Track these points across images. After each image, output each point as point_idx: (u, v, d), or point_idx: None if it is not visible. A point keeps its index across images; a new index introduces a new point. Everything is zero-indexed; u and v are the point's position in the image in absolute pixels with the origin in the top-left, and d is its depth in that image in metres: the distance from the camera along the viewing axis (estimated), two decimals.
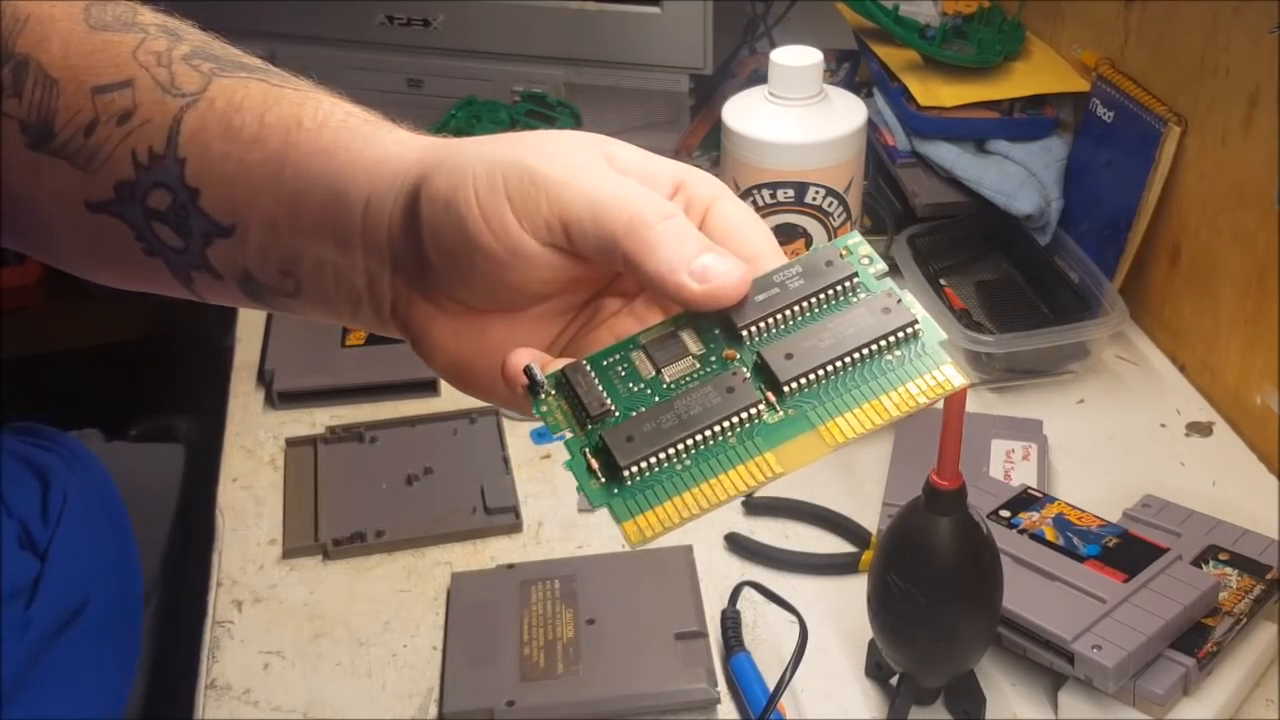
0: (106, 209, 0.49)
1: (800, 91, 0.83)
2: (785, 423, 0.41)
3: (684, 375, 0.42)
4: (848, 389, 0.41)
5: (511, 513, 0.86)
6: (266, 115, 0.48)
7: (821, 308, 0.43)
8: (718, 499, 0.40)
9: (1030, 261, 1.07)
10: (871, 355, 0.42)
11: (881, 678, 0.74)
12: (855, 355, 0.41)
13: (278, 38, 1.28)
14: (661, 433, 0.40)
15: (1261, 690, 0.73)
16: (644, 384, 0.42)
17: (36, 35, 0.49)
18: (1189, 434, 0.94)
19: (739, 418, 0.41)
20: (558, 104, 1.18)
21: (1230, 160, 0.92)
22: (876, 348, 0.42)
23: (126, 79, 0.48)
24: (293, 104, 0.49)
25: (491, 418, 0.95)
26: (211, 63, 0.49)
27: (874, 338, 0.41)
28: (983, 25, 1.16)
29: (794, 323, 0.42)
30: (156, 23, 0.50)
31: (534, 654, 0.74)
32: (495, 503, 0.87)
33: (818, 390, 0.41)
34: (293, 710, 0.74)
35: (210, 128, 0.47)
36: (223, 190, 0.47)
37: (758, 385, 0.41)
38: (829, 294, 0.43)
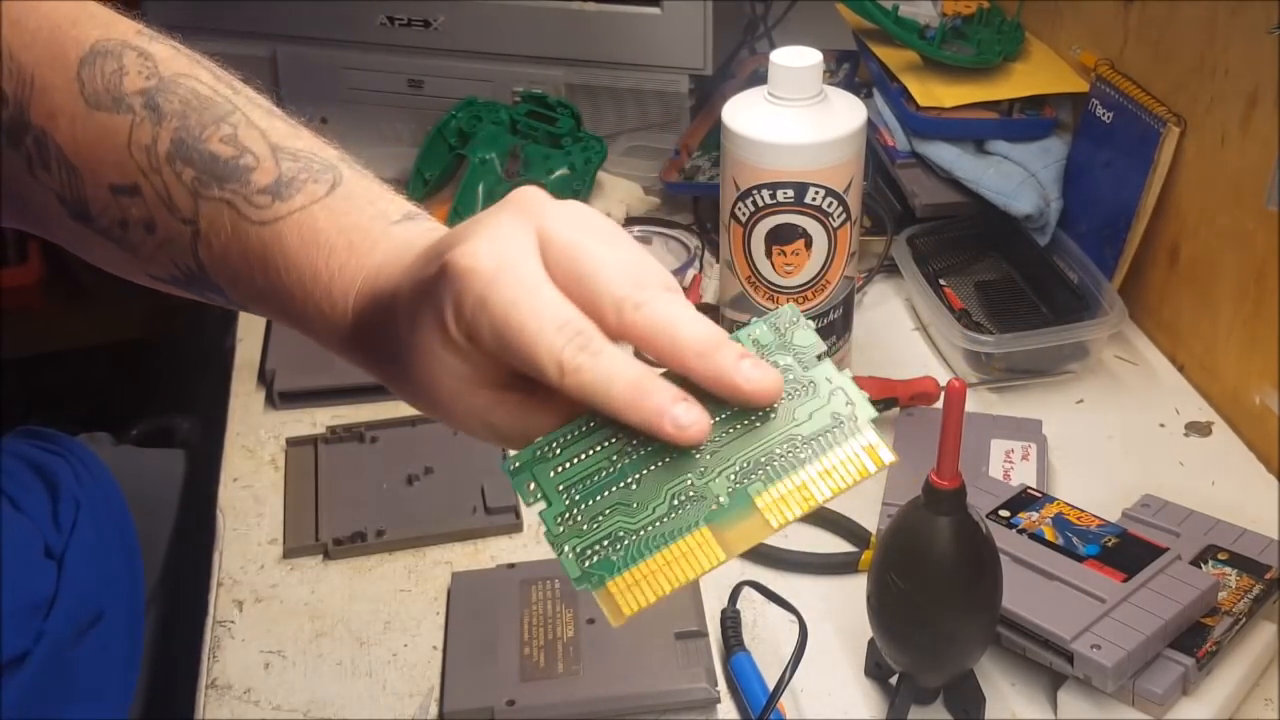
0: (166, 283, 0.55)
1: (800, 92, 0.83)
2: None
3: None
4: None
5: (512, 512, 0.86)
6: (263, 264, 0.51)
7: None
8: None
9: (1029, 262, 1.07)
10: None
11: (881, 677, 0.74)
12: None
13: (278, 38, 1.28)
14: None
15: (1260, 690, 0.73)
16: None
17: (46, 108, 0.52)
18: (1188, 434, 0.94)
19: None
20: (558, 104, 1.19)
21: (1229, 161, 0.92)
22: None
23: (133, 183, 0.51)
24: (271, 239, 0.51)
25: None
26: (190, 169, 0.51)
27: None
28: (982, 26, 1.16)
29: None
30: (139, 89, 0.52)
31: (534, 653, 0.74)
32: (496, 502, 0.87)
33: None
34: (293, 710, 0.74)
35: (219, 263, 0.52)
36: (244, 293, 0.53)
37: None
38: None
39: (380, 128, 1.30)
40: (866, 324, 1.05)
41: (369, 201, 0.51)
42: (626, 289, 0.43)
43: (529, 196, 0.46)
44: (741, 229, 0.87)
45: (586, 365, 0.42)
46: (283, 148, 0.51)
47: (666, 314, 0.43)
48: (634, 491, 0.44)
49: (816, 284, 0.88)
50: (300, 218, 0.50)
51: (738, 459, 0.44)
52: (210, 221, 0.51)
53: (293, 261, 0.50)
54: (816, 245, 0.86)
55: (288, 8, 1.25)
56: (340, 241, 0.50)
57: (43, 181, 0.53)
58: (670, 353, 0.43)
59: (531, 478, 0.45)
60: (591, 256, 0.44)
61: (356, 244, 0.50)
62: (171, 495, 0.99)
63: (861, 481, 0.44)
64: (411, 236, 0.50)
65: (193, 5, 1.28)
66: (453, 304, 0.44)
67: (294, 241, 0.50)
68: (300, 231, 0.50)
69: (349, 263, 0.49)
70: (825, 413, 0.44)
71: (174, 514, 0.98)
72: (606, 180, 1.20)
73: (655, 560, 0.43)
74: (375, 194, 0.52)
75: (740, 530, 0.43)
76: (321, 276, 0.50)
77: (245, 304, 0.53)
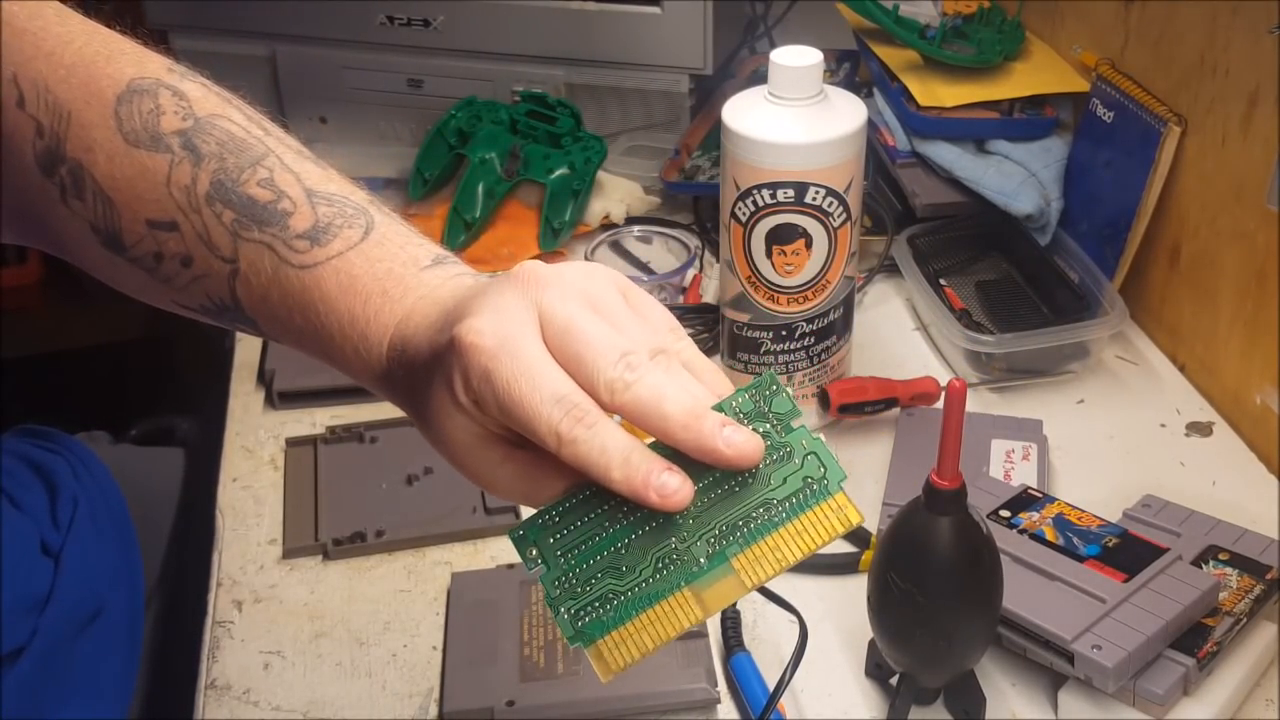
0: (194, 312, 0.57)
1: (800, 91, 0.83)
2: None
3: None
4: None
5: (511, 513, 0.86)
6: (295, 307, 0.54)
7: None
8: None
9: (1030, 261, 1.07)
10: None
11: (881, 677, 0.74)
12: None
13: (278, 38, 1.28)
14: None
15: (1261, 690, 0.73)
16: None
17: (82, 142, 0.53)
18: (1189, 434, 0.94)
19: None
20: (558, 104, 1.19)
21: (1230, 160, 0.92)
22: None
23: (171, 220, 0.54)
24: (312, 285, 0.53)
25: None
26: (230, 211, 0.53)
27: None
28: (983, 25, 1.16)
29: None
30: (176, 129, 0.54)
31: (534, 654, 0.74)
32: (495, 503, 0.87)
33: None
34: (293, 710, 0.74)
35: (258, 302, 0.54)
36: (281, 330, 0.55)
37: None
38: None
39: (380, 127, 1.30)
40: (867, 324, 1.05)
41: (400, 247, 0.54)
42: (616, 369, 0.47)
43: (530, 272, 0.49)
44: (741, 229, 0.87)
45: (581, 437, 0.46)
46: (317, 192, 0.54)
47: (652, 391, 0.47)
48: (623, 555, 0.48)
49: (816, 284, 0.88)
50: (338, 264, 0.53)
51: (717, 523, 0.48)
52: (251, 263, 0.53)
53: (331, 306, 0.52)
54: (817, 245, 0.86)
55: (287, 7, 1.25)
56: (375, 288, 0.52)
57: (75, 210, 0.54)
58: (658, 427, 0.47)
59: (534, 544, 0.49)
60: (583, 334, 0.47)
61: (390, 290, 0.52)
62: (171, 495, 0.99)
63: (831, 540, 0.47)
64: (440, 282, 0.53)
65: (193, 5, 1.28)
66: (460, 375, 0.47)
67: (332, 287, 0.52)
68: (338, 277, 0.52)
69: (384, 309, 0.52)
70: (798, 477, 0.48)
71: (173, 514, 0.98)
72: (606, 180, 1.20)
73: (640, 620, 0.47)
74: (406, 238, 0.55)
75: (718, 590, 0.47)
76: (359, 321, 0.52)
77: (279, 338, 0.55)
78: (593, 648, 0.48)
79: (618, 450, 0.46)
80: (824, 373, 0.93)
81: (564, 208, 1.15)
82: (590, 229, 1.17)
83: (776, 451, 0.48)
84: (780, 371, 0.92)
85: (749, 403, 0.49)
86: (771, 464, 0.48)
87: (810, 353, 0.91)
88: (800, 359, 0.91)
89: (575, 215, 1.15)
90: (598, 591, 0.48)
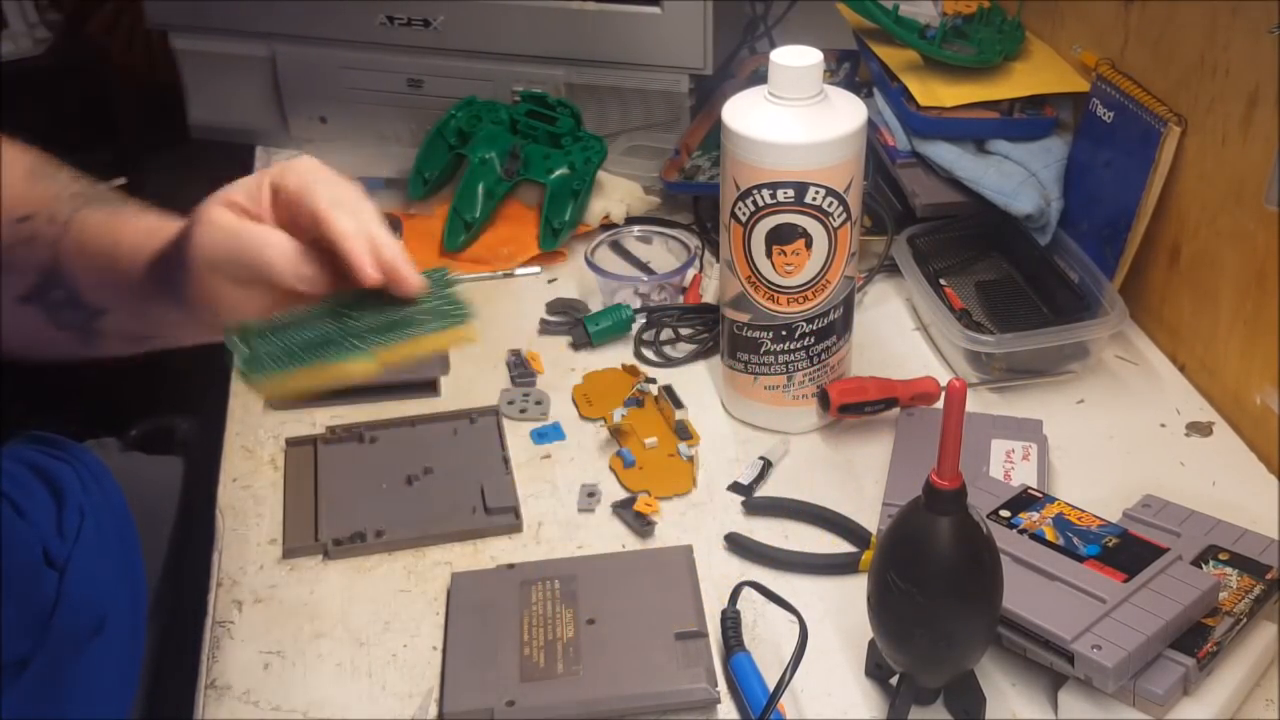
0: (29, 300, 0.71)
1: (800, 91, 0.83)
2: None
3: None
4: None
5: (511, 513, 0.86)
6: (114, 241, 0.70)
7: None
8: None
9: (1030, 261, 1.07)
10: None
11: (881, 677, 0.74)
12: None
13: (278, 38, 1.28)
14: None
15: (1261, 690, 0.73)
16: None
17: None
18: (1189, 434, 0.94)
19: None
20: (558, 104, 1.19)
21: (1230, 160, 0.92)
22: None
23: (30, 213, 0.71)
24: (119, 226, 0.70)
25: (491, 418, 0.95)
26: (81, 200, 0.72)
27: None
28: (983, 25, 1.16)
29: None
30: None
31: (534, 654, 0.74)
32: (495, 503, 0.87)
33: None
34: (293, 710, 0.74)
35: (75, 253, 0.70)
36: (91, 285, 0.71)
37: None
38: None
39: (380, 127, 1.30)
40: (867, 324, 1.05)
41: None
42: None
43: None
44: (741, 229, 0.87)
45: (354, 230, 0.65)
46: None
47: (369, 235, 0.64)
48: (304, 338, 0.66)
49: (817, 284, 0.88)
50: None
51: (378, 322, 0.66)
52: (81, 219, 0.70)
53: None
54: (817, 245, 0.86)
55: (288, 7, 1.25)
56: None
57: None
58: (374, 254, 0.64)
59: (242, 338, 0.66)
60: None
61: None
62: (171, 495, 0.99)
63: (448, 347, 0.70)
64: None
65: (193, 5, 1.28)
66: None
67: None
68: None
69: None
70: (439, 300, 0.68)
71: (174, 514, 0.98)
72: (607, 180, 1.20)
73: (301, 371, 0.65)
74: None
75: (360, 367, 0.65)
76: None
77: (92, 298, 0.71)
78: (259, 377, 0.65)
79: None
80: (824, 373, 0.93)
81: (564, 207, 1.15)
82: (590, 229, 1.17)
83: (435, 287, 0.68)
84: (780, 372, 0.92)
85: (429, 272, 0.69)
86: (425, 299, 0.67)
87: (810, 353, 0.91)
88: (800, 359, 0.91)
89: (575, 215, 1.15)
90: (277, 351, 0.66)
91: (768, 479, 0.90)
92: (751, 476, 0.89)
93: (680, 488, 0.89)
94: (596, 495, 0.88)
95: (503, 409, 0.97)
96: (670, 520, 0.87)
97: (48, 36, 1.69)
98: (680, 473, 0.90)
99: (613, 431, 0.94)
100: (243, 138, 1.36)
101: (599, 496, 0.88)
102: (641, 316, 1.05)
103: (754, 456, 0.92)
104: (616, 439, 0.93)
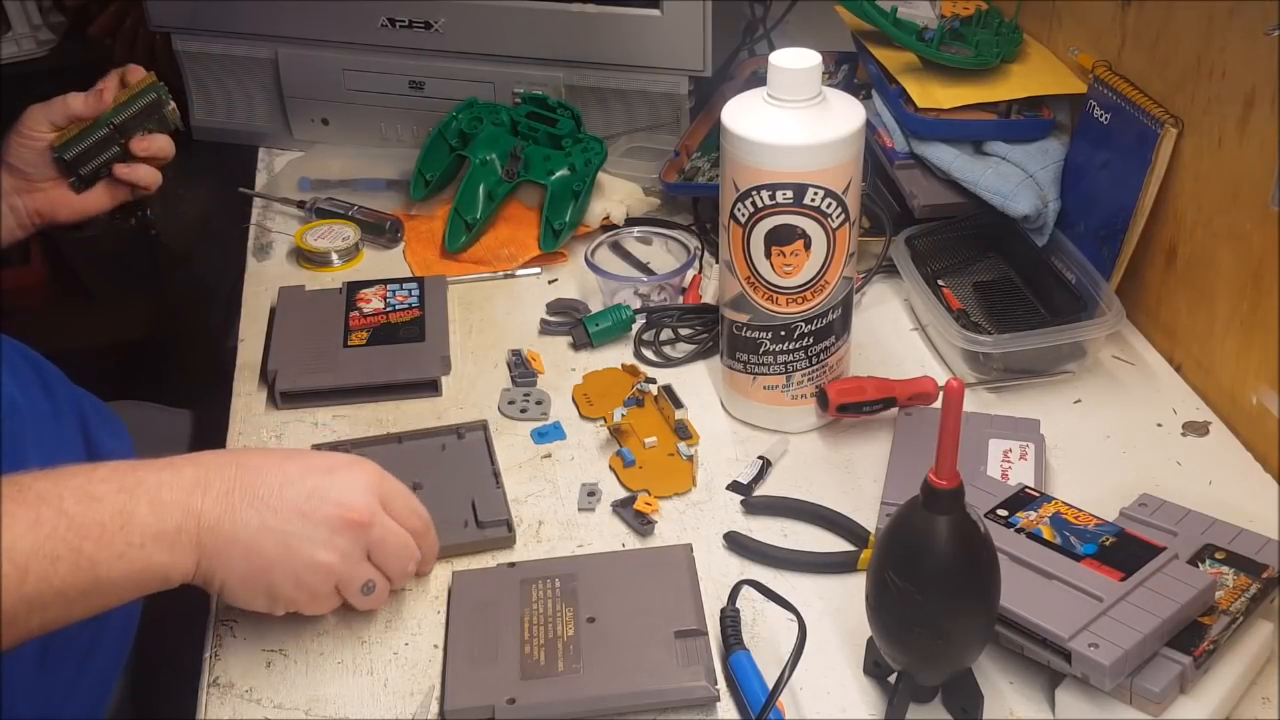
0: None
1: (799, 93, 0.83)
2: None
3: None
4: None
5: (504, 525, 0.85)
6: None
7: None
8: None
9: (1027, 262, 1.08)
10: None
11: (880, 676, 0.75)
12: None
13: (279, 40, 1.28)
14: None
15: (1258, 688, 0.73)
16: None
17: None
18: (1185, 434, 0.94)
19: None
20: (558, 105, 1.19)
21: (1226, 161, 0.92)
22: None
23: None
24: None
25: (479, 432, 0.94)
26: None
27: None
28: (980, 27, 1.16)
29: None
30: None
31: (534, 652, 0.75)
32: (487, 516, 0.86)
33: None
34: (295, 708, 0.74)
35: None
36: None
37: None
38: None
39: (381, 129, 1.31)
40: (865, 324, 1.06)
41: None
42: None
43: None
44: (741, 229, 0.87)
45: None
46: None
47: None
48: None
49: (815, 284, 0.88)
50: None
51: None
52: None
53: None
54: (815, 246, 0.87)
55: (290, 9, 1.26)
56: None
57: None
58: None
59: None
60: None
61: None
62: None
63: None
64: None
65: (195, 6, 1.28)
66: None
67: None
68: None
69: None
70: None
71: None
72: (606, 181, 1.20)
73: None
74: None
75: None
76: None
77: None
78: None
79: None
80: (823, 373, 0.93)
81: (564, 209, 1.15)
82: (590, 230, 1.18)
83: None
84: (779, 372, 0.92)
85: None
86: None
87: (809, 353, 0.92)
88: (799, 359, 0.92)
89: (575, 216, 1.15)
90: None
91: (767, 478, 0.91)
92: (751, 476, 0.90)
93: (680, 487, 0.89)
94: (596, 494, 0.89)
95: (503, 409, 0.97)
96: (670, 519, 0.87)
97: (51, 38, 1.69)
98: (680, 472, 0.90)
99: (613, 431, 0.94)
100: (245, 139, 1.37)
101: (599, 496, 0.89)
102: (641, 317, 1.06)
103: (753, 456, 0.92)
104: (616, 439, 0.94)
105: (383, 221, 1.19)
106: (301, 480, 0.71)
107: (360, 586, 0.74)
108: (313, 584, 0.72)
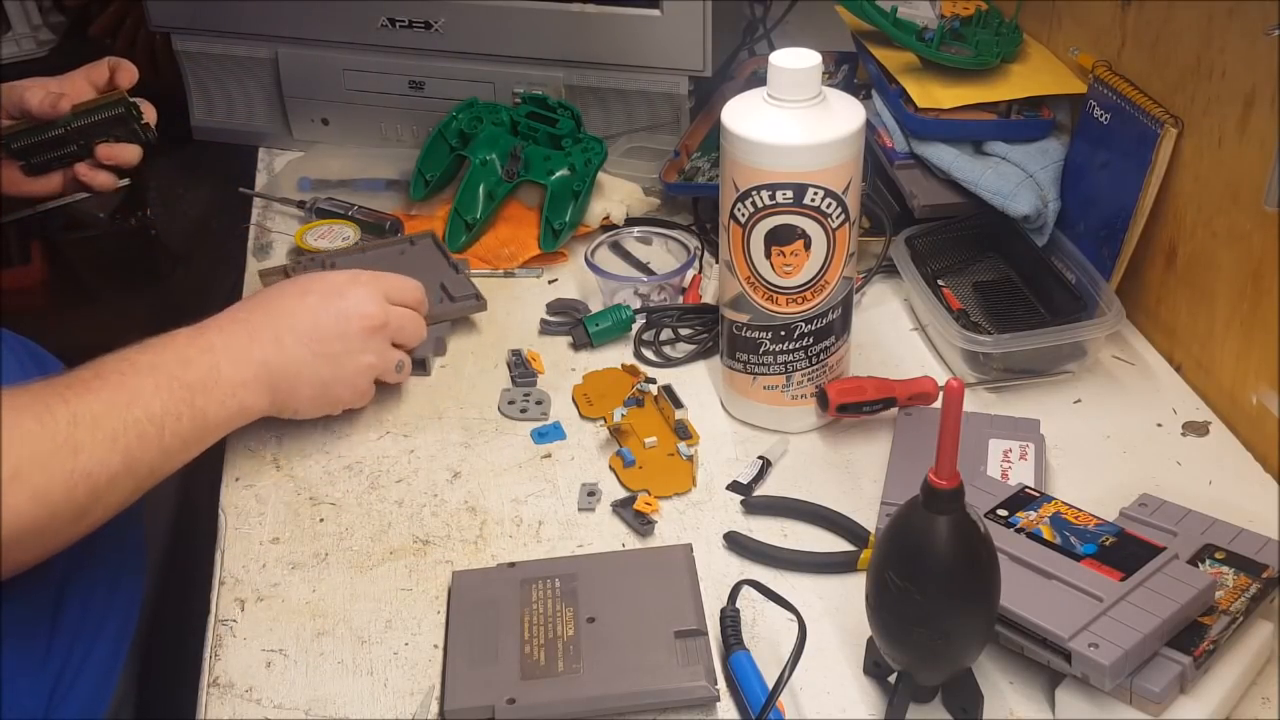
0: None
1: (799, 93, 0.83)
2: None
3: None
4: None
5: (474, 297, 1.03)
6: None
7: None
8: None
9: (1027, 262, 1.08)
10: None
11: (880, 676, 0.75)
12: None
13: (279, 40, 1.28)
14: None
15: (1258, 688, 0.73)
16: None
17: None
18: (1185, 434, 0.94)
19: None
20: (558, 106, 1.19)
21: (1226, 162, 0.92)
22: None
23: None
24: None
25: (429, 239, 1.12)
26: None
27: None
28: (980, 28, 1.16)
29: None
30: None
31: (535, 652, 0.75)
32: (458, 292, 1.03)
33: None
34: (295, 708, 0.74)
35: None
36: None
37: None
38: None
39: (381, 129, 1.31)
40: (865, 324, 1.06)
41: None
42: None
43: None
44: (741, 229, 0.87)
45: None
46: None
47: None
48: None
49: (815, 284, 0.88)
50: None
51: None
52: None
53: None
54: (815, 246, 0.87)
55: (290, 9, 1.26)
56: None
57: None
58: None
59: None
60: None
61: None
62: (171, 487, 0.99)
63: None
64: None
65: (195, 6, 1.28)
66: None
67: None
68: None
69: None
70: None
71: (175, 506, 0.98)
72: (607, 181, 1.20)
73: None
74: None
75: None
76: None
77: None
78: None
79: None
80: (823, 373, 0.93)
81: (564, 209, 1.15)
82: (590, 230, 1.18)
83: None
84: (779, 371, 0.92)
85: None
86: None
87: (809, 353, 0.92)
88: (799, 359, 0.92)
89: (575, 216, 1.15)
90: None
91: (767, 478, 0.91)
92: (751, 476, 0.90)
93: (680, 487, 0.89)
94: (596, 494, 0.89)
95: (503, 409, 0.97)
96: (670, 519, 0.87)
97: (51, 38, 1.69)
98: (680, 472, 0.90)
99: (613, 431, 0.94)
100: (245, 139, 1.37)
101: (599, 496, 0.89)
102: (641, 317, 1.06)
103: (753, 456, 0.92)
104: (616, 439, 0.94)
105: (383, 221, 1.19)
106: (324, 308, 0.88)
107: (394, 367, 0.93)
108: (362, 385, 0.91)
